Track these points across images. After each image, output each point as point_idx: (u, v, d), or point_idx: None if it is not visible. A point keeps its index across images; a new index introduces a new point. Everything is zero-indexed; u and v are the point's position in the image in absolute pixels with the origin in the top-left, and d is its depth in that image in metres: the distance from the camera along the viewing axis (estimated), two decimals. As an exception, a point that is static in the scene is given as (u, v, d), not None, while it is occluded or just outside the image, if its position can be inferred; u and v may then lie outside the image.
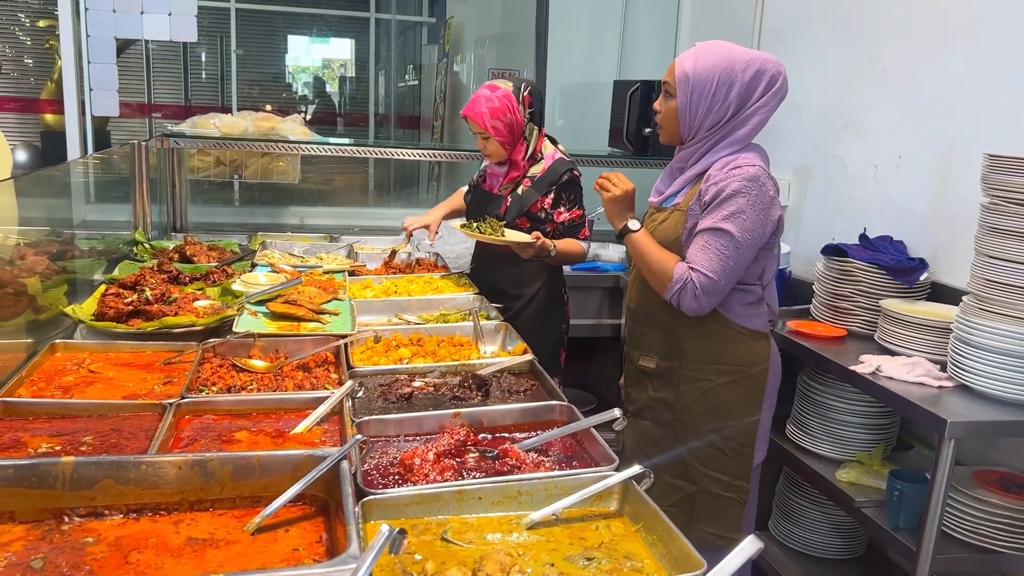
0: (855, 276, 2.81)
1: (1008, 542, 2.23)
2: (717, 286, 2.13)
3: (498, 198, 2.97)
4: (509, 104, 2.86)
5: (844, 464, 2.65)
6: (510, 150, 2.92)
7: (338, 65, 11.48)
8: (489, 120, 2.83)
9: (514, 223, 2.90)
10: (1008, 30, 2.62)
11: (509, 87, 2.90)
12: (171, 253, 2.94)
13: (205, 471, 1.37)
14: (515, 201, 2.92)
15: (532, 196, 2.90)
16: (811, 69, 3.56)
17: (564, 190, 2.92)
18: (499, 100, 2.85)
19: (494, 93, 2.86)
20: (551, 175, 2.91)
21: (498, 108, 2.84)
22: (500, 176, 3.00)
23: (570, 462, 1.62)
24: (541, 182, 2.91)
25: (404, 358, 2.16)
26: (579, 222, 2.96)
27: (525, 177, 2.94)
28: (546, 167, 2.93)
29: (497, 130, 2.85)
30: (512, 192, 2.94)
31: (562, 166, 2.92)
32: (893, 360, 2.46)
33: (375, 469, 1.55)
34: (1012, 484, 2.35)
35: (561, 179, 2.91)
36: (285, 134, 3.80)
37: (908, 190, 3.01)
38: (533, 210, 2.91)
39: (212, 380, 1.89)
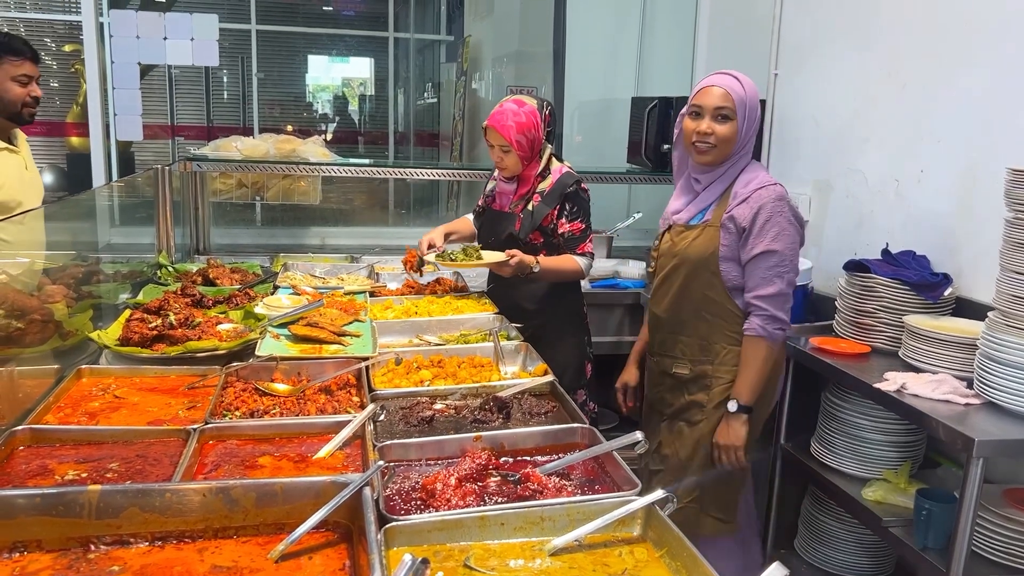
0: (878, 292, 2.78)
1: (1040, 562, 2.20)
2: (785, 299, 2.38)
3: (511, 216, 2.98)
4: (534, 120, 2.89)
5: (870, 482, 2.62)
6: (526, 166, 2.94)
7: (358, 84, 11.59)
8: (515, 134, 2.85)
9: (527, 240, 2.91)
10: None
11: (535, 104, 2.93)
12: (194, 276, 2.97)
13: (229, 498, 1.38)
14: (527, 217, 2.93)
15: (543, 210, 2.92)
16: (830, 83, 3.55)
17: (568, 201, 2.92)
18: (526, 116, 2.88)
19: (521, 108, 2.89)
20: (559, 188, 2.93)
21: (524, 123, 2.87)
22: (510, 194, 3.02)
23: (592, 486, 1.61)
24: (550, 196, 2.93)
25: (425, 380, 2.16)
26: (579, 236, 2.94)
27: (535, 193, 2.95)
28: (554, 181, 2.94)
29: (520, 145, 2.87)
30: (524, 208, 2.95)
31: (569, 179, 2.94)
32: (918, 377, 2.43)
33: (397, 494, 1.55)
34: (1042, 502, 2.31)
35: (567, 191, 2.91)
36: (306, 156, 3.84)
37: (930, 204, 2.98)
38: (544, 224, 2.93)
39: (235, 404, 1.90)
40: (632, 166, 4.43)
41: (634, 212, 4.50)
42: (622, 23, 5.30)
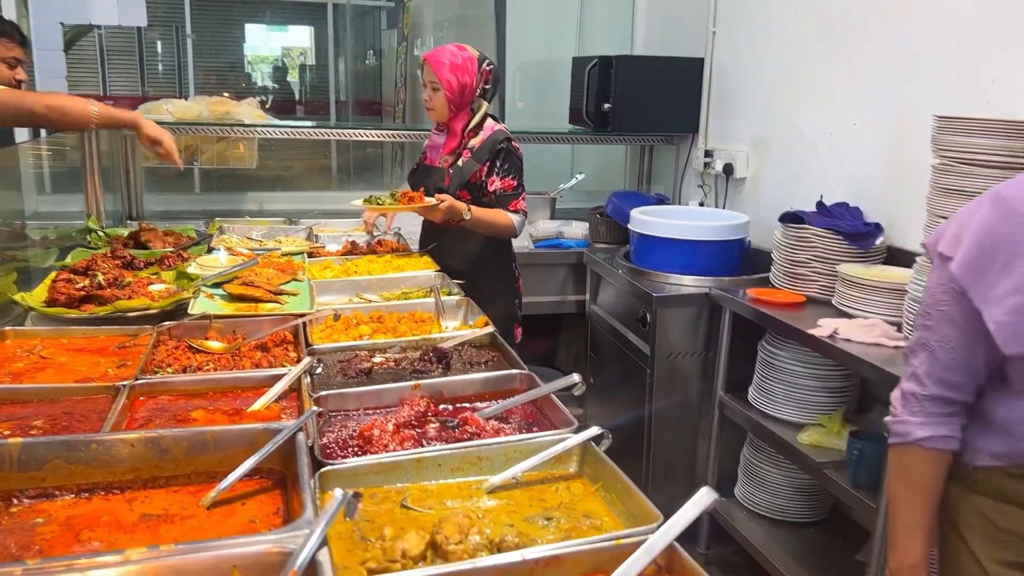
0: (812, 242, 2.84)
1: (965, 496, 2.27)
2: None
3: (440, 170, 2.98)
4: (469, 66, 2.90)
5: (806, 427, 2.68)
6: (454, 113, 2.94)
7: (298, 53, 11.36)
8: (447, 72, 2.86)
9: (456, 195, 2.90)
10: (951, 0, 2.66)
11: (476, 54, 2.94)
12: (125, 239, 2.89)
13: (159, 448, 1.35)
14: (456, 172, 2.93)
15: (472, 166, 2.91)
16: (767, 41, 3.58)
17: (498, 158, 2.92)
18: (462, 59, 2.89)
19: (460, 52, 2.92)
20: (490, 144, 2.92)
21: (459, 65, 2.88)
22: (439, 147, 3.02)
23: (530, 428, 1.62)
24: (480, 152, 2.92)
25: (364, 335, 2.14)
26: (511, 193, 2.94)
27: (465, 148, 2.95)
28: (484, 138, 2.94)
29: (450, 84, 2.87)
30: (453, 164, 2.94)
31: (500, 135, 2.94)
32: (850, 322, 2.49)
33: (334, 443, 1.54)
34: (968, 440, 2.39)
35: (498, 147, 2.91)
36: (241, 118, 3.74)
37: (863, 156, 3.04)
38: (473, 180, 2.93)
39: (167, 362, 1.86)
40: (575, 127, 4.43)
41: (577, 173, 4.50)
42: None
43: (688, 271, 3.18)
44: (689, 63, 4.01)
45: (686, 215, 3.55)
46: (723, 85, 3.92)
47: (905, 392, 1.62)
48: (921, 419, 1.58)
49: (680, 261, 3.20)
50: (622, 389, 3.46)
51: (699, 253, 3.19)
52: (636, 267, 3.35)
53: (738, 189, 3.80)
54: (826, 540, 2.93)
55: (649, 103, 4.03)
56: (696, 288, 3.12)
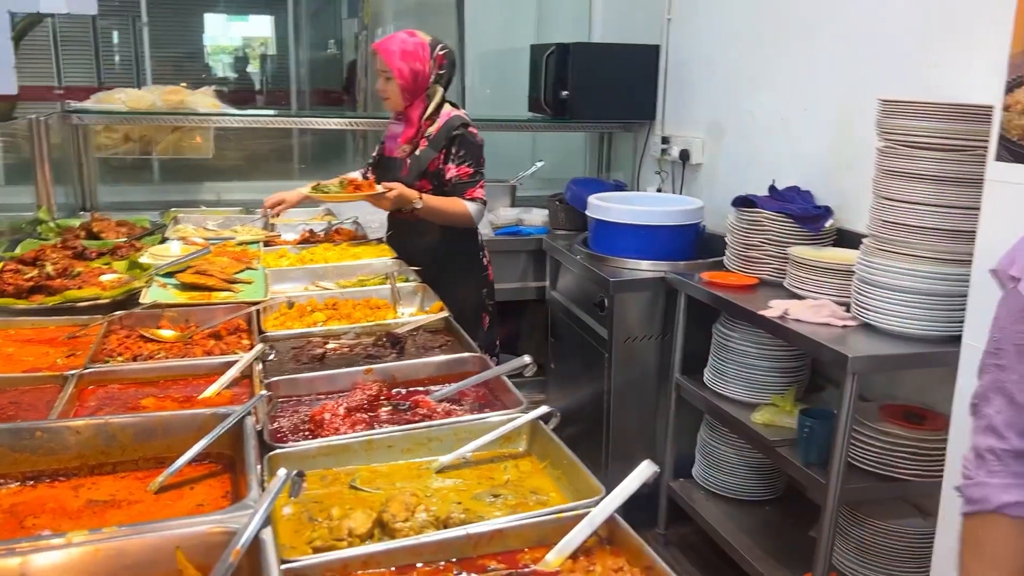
0: (764, 226, 2.88)
1: (911, 470, 2.34)
2: None
3: (399, 161, 2.96)
4: (421, 52, 2.86)
5: (759, 407, 2.73)
6: (409, 100, 2.91)
7: (258, 43, 11.22)
8: (397, 60, 2.83)
9: (415, 184, 2.88)
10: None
11: (427, 39, 2.91)
12: (77, 231, 2.85)
13: (106, 434, 1.35)
14: (414, 162, 2.91)
15: (429, 155, 2.90)
16: (721, 28, 3.62)
17: (453, 144, 2.90)
18: (413, 45, 2.86)
19: (411, 38, 2.89)
20: (446, 131, 2.90)
21: (409, 52, 2.84)
22: (397, 137, 2.99)
23: (482, 410, 1.64)
24: (436, 140, 2.91)
25: (318, 322, 2.15)
26: (468, 181, 2.90)
27: (422, 137, 2.93)
28: (440, 124, 2.92)
29: (402, 72, 2.84)
30: (411, 154, 2.93)
31: (457, 121, 2.91)
32: (800, 303, 2.54)
33: (286, 428, 1.55)
34: (915, 416, 2.46)
35: (453, 134, 2.89)
36: (195, 107, 3.71)
37: (813, 140, 3.09)
38: (431, 169, 2.91)
39: (118, 351, 1.85)
40: (534, 115, 4.44)
41: (536, 160, 4.52)
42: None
43: (644, 256, 3.22)
44: (646, 50, 4.04)
45: (643, 201, 3.59)
46: (679, 72, 3.96)
47: (980, 449, 1.29)
48: (1005, 480, 1.25)
49: (636, 246, 3.23)
50: (582, 373, 3.49)
51: (655, 238, 3.22)
52: (594, 253, 3.38)
53: (694, 175, 3.85)
54: (781, 517, 2.99)
55: (607, 90, 4.05)
56: (652, 272, 3.16)
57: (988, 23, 2.36)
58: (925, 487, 2.32)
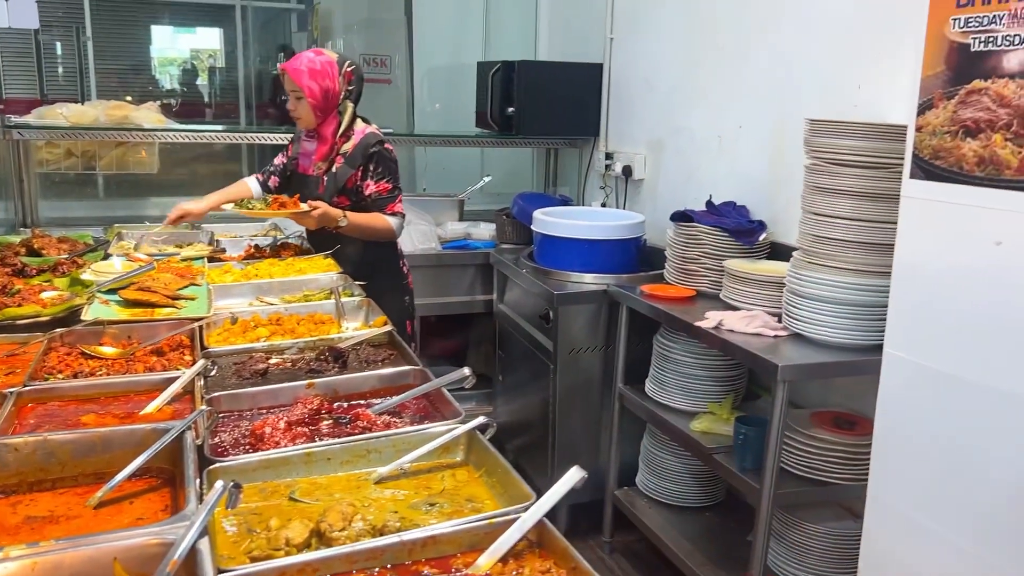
0: (701, 240, 2.98)
1: (842, 474, 2.44)
2: None
3: (314, 179, 3.02)
4: (329, 70, 2.92)
5: (698, 415, 2.82)
6: (321, 118, 2.96)
7: (207, 56, 11.12)
8: (306, 79, 2.88)
9: (333, 202, 2.94)
10: (820, 13, 2.83)
11: (334, 57, 2.98)
12: (16, 247, 2.82)
13: (45, 451, 1.37)
14: (330, 180, 2.98)
15: (346, 172, 2.96)
16: (660, 47, 3.73)
17: (371, 162, 2.97)
18: (321, 64, 2.92)
19: (318, 57, 2.94)
20: (362, 148, 2.98)
21: (318, 71, 2.90)
22: (311, 154, 3.05)
23: (422, 422, 1.68)
24: (353, 157, 2.98)
25: (262, 337, 2.17)
26: (387, 196, 2.99)
27: (338, 154, 2.99)
28: (356, 142, 2.99)
29: (312, 91, 2.89)
30: (327, 172, 2.99)
31: (372, 139, 2.99)
32: (734, 314, 2.63)
33: (227, 442, 1.57)
34: (845, 422, 2.56)
35: (370, 151, 2.96)
36: (139, 122, 3.69)
37: (748, 158, 3.21)
38: (348, 186, 2.97)
39: (59, 368, 1.85)
40: (481, 130, 4.51)
41: (484, 175, 4.58)
42: (468, -12, 5.35)
43: (588, 269, 3.29)
44: (589, 68, 4.14)
45: (586, 215, 3.67)
46: (621, 90, 4.06)
47: None
48: None
49: (580, 260, 3.31)
50: (528, 384, 3.54)
51: (598, 252, 3.30)
52: (539, 266, 3.44)
53: (637, 190, 3.95)
54: (721, 523, 3.07)
55: (552, 107, 4.14)
56: (595, 286, 3.24)
57: (908, 46, 2.48)
58: (855, 490, 2.40)
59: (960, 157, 1.83)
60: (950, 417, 1.88)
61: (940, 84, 1.88)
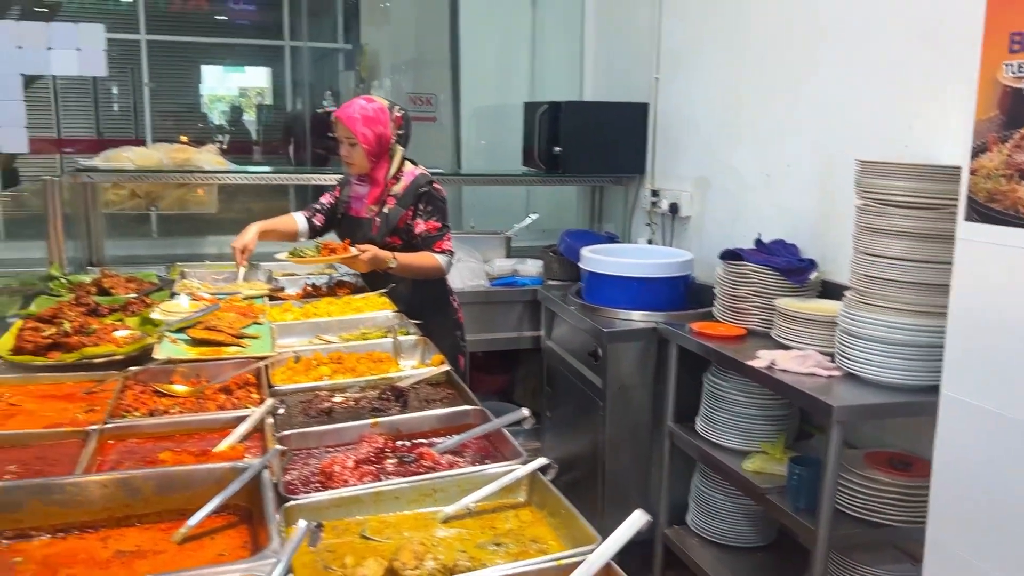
0: (751, 278, 3.00)
1: (897, 516, 2.42)
2: None
3: (367, 220, 3.11)
4: (381, 116, 3.02)
5: (750, 455, 2.82)
6: (373, 163, 3.06)
7: (255, 93, 11.44)
8: (360, 126, 2.98)
9: (386, 242, 3.03)
10: (869, 48, 2.86)
11: (385, 103, 3.08)
12: (88, 287, 2.95)
13: (130, 488, 1.43)
14: (383, 220, 3.06)
15: (397, 213, 3.05)
16: (706, 86, 3.79)
17: (421, 201, 3.06)
18: (373, 111, 3.01)
19: (370, 104, 3.04)
20: (412, 189, 3.07)
21: (371, 118, 3.00)
22: (363, 197, 3.14)
23: (483, 461, 1.72)
24: (404, 198, 3.07)
25: (324, 376, 2.23)
26: (436, 234, 3.07)
27: (389, 196, 3.08)
28: (407, 183, 3.08)
29: (365, 137, 2.99)
30: (380, 213, 3.07)
31: (423, 179, 3.08)
32: (787, 354, 2.64)
33: (297, 480, 1.63)
34: (899, 462, 2.55)
35: (420, 191, 3.05)
36: (201, 164, 3.83)
37: (797, 196, 3.23)
38: (400, 226, 3.06)
39: (135, 406, 1.93)
40: (527, 169, 4.59)
41: (531, 213, 4.65)
42: (514, 30, 5.47)
43: (636, 307, 3.33)
44: (635, 108, 4.20)
45: (634, 253, 3.71)
46: (667, 128, 4.12)
47: None
48: None
49: (628, 297, 3.35)
50: (577, 421, 3.57)
51: (646, 290, 3.34)
52: (587, 304, 3.49)
53: (683, 227, 3.98)
54: (773, 564, 3.05)
55: (598, 146, 4.21)
56: (644, 323, 3.27)
57: (959, 86, 2.51)
58: (912, 532, 2.38)
59: (1016, 200, 1.85)
60: (1012, 461, 1.87)
61: (994, 128, 1.89)
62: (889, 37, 2.79)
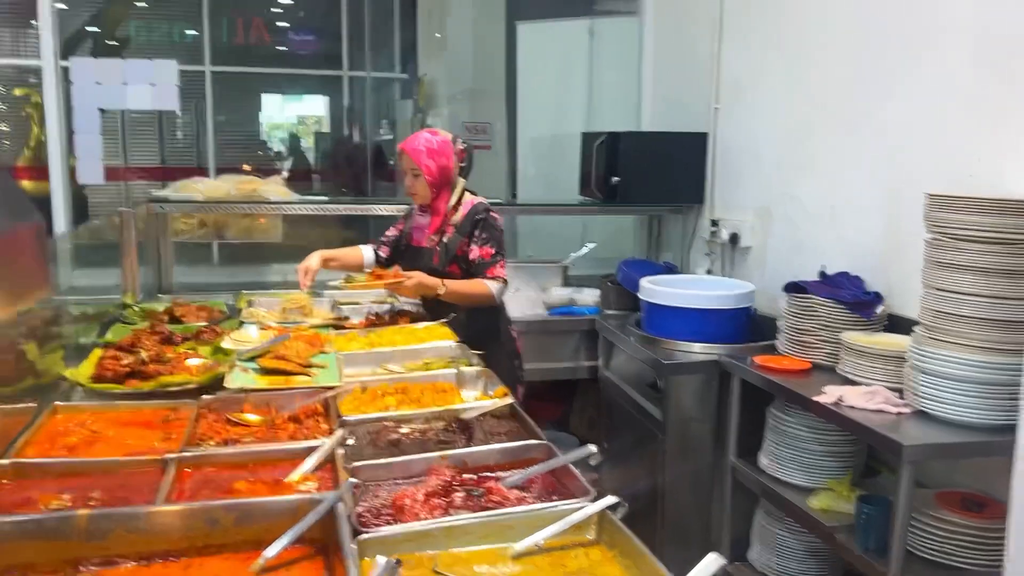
0: (816, 311, 2.96)
1: (971, 559, 2.34)
2: None
3: (428, 250, 3.17)
4: (445, 149, 3.10)
5: (815, 491, 2.76)
6: (436, 194, 3.13)
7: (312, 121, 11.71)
8: (425, 159, 3.06)
9: (446, 270, 3.09)
10: (937, 83, 2.83)
11: (449, 136, 3.16)
12: (161, 315, 3.04)
13: (210, 518, 1.47)
14: (443, 249, 3.12)
15: (456, 241, 3.11)
16: (767, 116, 3.77)
17: (476, 228, 3.11)
18: (438, 144, 3.10)
19: (434, 137, 3.13)
20: (470, 216, 3.13)
21: (436, 150, 3.08)
22: (425, 228, 3.21)
23: (550, 496, 1.73)
24: (462, 226, 3.13)
25: (390, 406, 2.26)
26: (489, 261, 3.10)
27: (448, 225, 3.14)
28: (465, 212, 3.14)
29: (429, 169, 3.06)
30: (440, 242, 3.14)
31: (480, 207, 3.15)
32: (854, 389, 2.60)
33: (368, 511, 1.65)
34: (973, 503, 2.47)
35: (476, 218, 3.11)
36: (267, 195, 3.94)
37: (862, 228, 3.18)
38: (459, 254, 3.11)
39: (209, 435, 1.98)
40: (584, 198, 4.60)
41: (587, 242, 4.66)
42: (571, 61, 5.52)
43: (697, 338, 3.31)
44: (694, 138, 4.20)
45: (694, 284, 3.69)
46: (727, 158, 4.10)
47: None
48: None
49: (689, 329, 3.33)
50: (636, 453, 3.55)
51: (707, 321, 3.31)
52: (647, 335, 3.47)
53: (744, 257, 3.95)
54: (839, 603, 2.98)
55: (656, 176, 4.21)
56: (705, 355, 3.24)
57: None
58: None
59: (1098, 238, 1.80)
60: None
61: (1073, 163, 1.85)
62: (958, 68, 2.75)
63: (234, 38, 10.00)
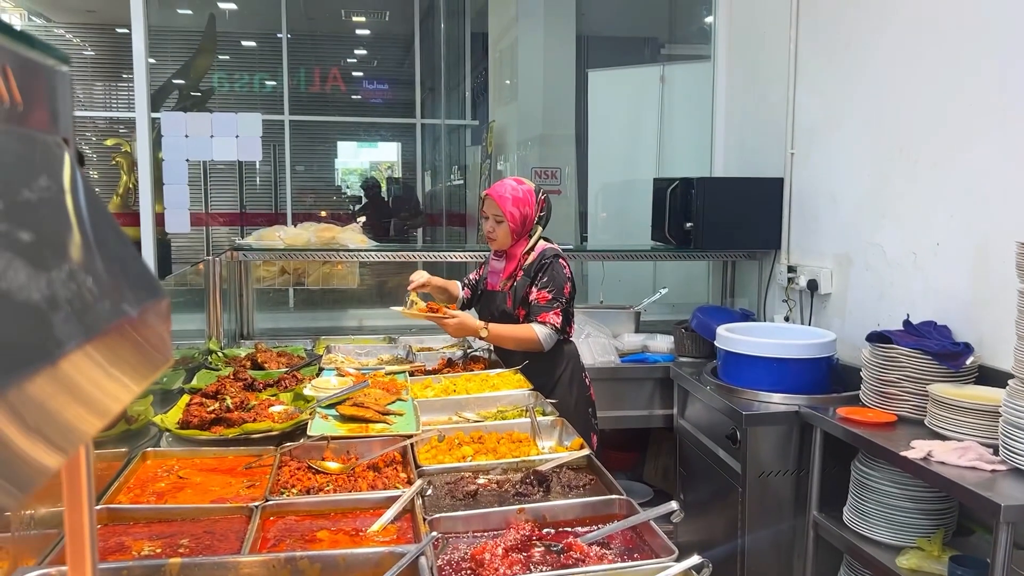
0: (901, 362, 2.86)
1: (1077, 628, 2.22)
2: None
3: (502, 294, 3.23)
4: (529, 198, 3.17)
5: (904, 550, 2.65)
6: (515, 240, 3.19)
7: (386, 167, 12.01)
8: (509, 206, 3.11)
9: (515, 315, 3.14)
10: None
11: (532, 186, 3.22)
12: (244, 361, 3.13)
13: (296, 569, 1.49)
14: (514, 293, 3.18)
15: (524, 284, 3.16)
16: (844, 162, 3.71)
17: (540, 271, 3.14)
18: (523, 192, 3.16)
19: (520, 186, 3.19)
20: (538, 261, 3.17)
21: (521, 198, 3.14)
22: (499, 273, 3.27)
23: (631, 554, 1.70)
24: (529, 269, 3.17)
25: (467, 455, 2.27)
26: (543, 305, 3.10)
27: (520, 270, 3.19)
28: (535, 257, 3.18)
29: (513, 217, 3.12)
30: (512, 286, 3.19)
31: (550, 252, 3.18)
32: (944, 445, 2.49)
33: (448, 564, 1.65)
34: (1077, 568, 2.34)
35: (543, 262, 3.14)
36: (345, 243, 4.04)
37: (948, 276, 3.08)
38: (525, 297, 3.15)
39: (291, 482, 2.02)
40: (656, 243, 4.58)
41: (660, 287, 4.63)
42: (642, 107, 5.55)
43: (776, 388, 3.23)
44: (769, 183, 4.15)
45: (773, 332, 3.61)
46: (803, 204, 4.04)
47: None
48: None
49: (768, 379, 3.25)
50: (713, 506, 3.46)
51: (787, 371, 3.23)
52: (724, 383, 3.41)
53: (823, 305, 3.86)
54: (932, 670, 2.83)
55: (731, 221, 4.17)
56: (785, 406, 3.16)
57: None
58: (1094, 647, 2.19)
59: None
60: None
61: None
62: (1049, 111, 2.67)
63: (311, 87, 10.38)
